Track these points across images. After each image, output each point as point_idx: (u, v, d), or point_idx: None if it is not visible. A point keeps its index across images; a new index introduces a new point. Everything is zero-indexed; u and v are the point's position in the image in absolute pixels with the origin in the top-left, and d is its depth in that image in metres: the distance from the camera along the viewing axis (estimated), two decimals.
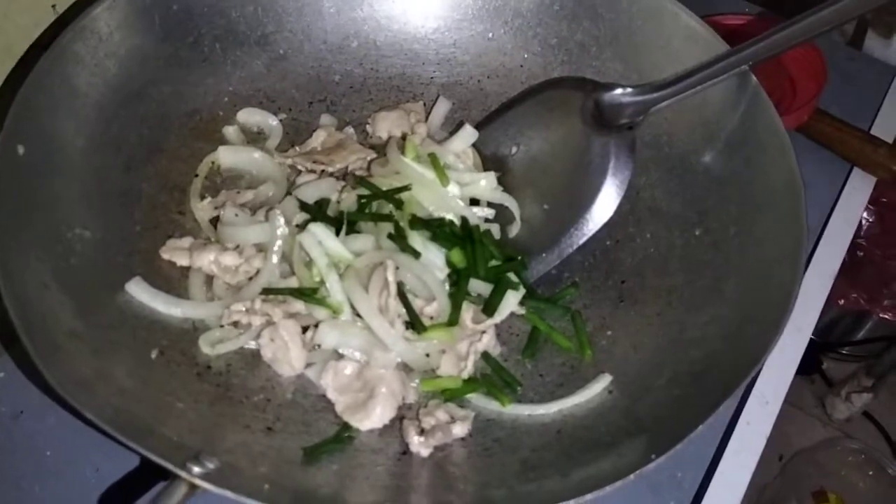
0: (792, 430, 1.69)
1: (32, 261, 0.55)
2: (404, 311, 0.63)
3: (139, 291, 0.62)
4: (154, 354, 0.59)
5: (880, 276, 1.37)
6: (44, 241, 0.57)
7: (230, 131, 0.75)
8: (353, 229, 0.67)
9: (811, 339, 1.71)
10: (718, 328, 0.60)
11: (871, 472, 1.48)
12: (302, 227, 0.66)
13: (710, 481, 0.69)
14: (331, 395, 0.61)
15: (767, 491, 1.53)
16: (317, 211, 0.68)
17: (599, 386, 0.62)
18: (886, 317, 1.39)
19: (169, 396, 0.56)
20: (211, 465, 0.46)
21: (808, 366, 1.77)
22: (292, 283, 0.65)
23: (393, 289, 0.61)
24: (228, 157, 0.73)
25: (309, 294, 0.63)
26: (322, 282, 0.63)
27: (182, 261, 0.66)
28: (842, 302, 1.40)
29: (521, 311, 0.67)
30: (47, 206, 0.59)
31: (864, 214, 1.37)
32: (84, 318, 0.56)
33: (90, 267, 0.60)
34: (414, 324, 0.62)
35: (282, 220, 0.65)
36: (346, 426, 0.59)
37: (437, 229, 0.66)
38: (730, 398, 0.52)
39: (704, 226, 0.68)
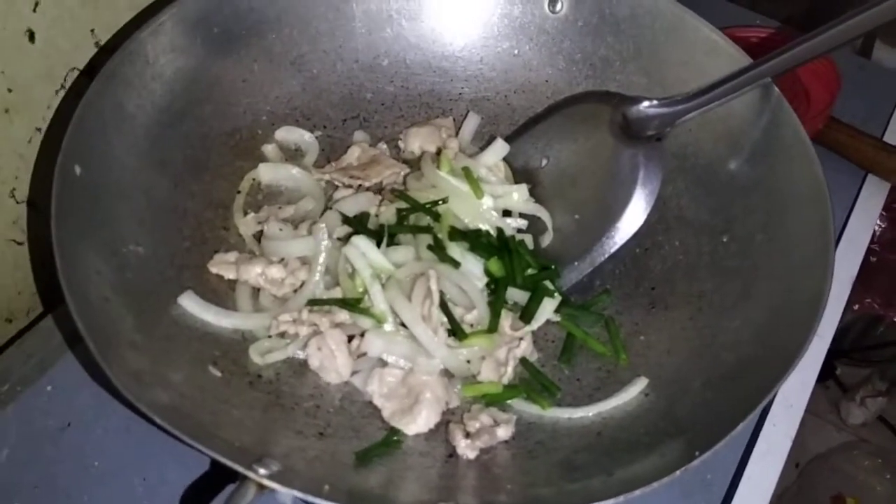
0: (808, 436, 1.70)
1: (93, 275, 0.58)
2: (446, 319, 0.65)
3: (191, 304, 0.64)
4: (211, 367, 0.61)
5: (894, 282, 1.38)
6: (102, 257, 0.60)
7: (269, 149, 0.77)
8: (392, 241, 0.69)
9: None
10: (750, 333, 0.62)
11: (888, 476, 1.49)
12: (344, 240, 0.68)
13: (738, 483, 0.70)
14: (377, 401, 0.63)
15: (785, 497, 1.54)
16: (359, 224, 0.70)
17: (636, 389, 0.64)
18: None
19: (224, 404, 0.58)
20: (275, 468, 0.48)
21: (823, 371, 1.77)
22: (336, 293, 0.67)
23: (436, 298, 0.63)
24: (268, 173, 0.76)
25: (353, 304, 0.65)
26: (366, 292, 0.65)
27: (229, 274, 0.68)
28: (856, 307, 1.42)
29: (557, 318, 0.69)
30: (103, 223, 0.62)
31: (878, 220, 1.39)
32: (142, 329, 0.59)
33: (145, 281, 0.62)
34: (455, 331, 0.64)
35: (326, 234, 0.67)
36: (393, 430, 0.61)
37: (475, 240, 0.68)
38: (765, 401, 0.53)
39: (731, 233, 0.69)
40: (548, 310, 0.67)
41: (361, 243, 0.66)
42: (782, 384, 0.54)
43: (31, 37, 0.70)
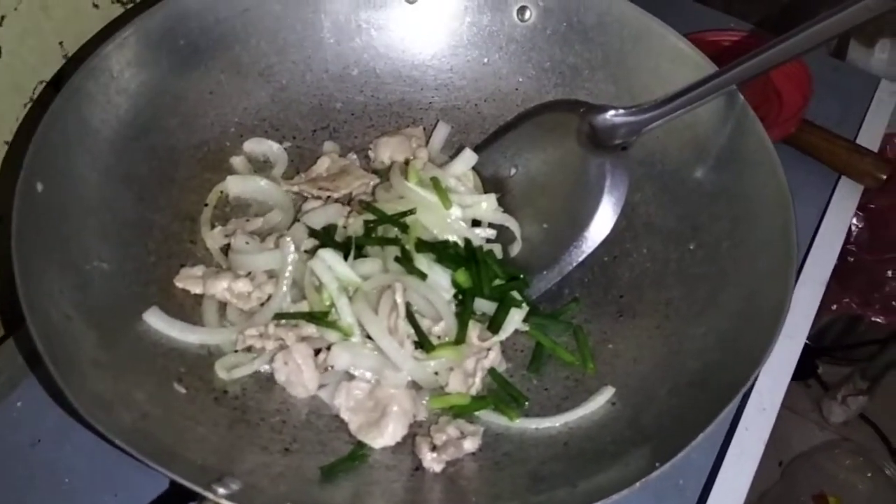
0: (790, 434, 1.71)
1: (55, 293, 0.57)
2: (413, 331, 0.65)
3: (156, 320, 0.64)
4: (175, 384, 0.60)
5: (871, 281, 1.40)
6: (65, 274, 0.59)
7: (237, 161, 0.77)
8: (360, 253, 0.69)
9: (806, 344, 1.74)
10: (715, 339, 0.63)
11: (869, 474, 1.50)
12: (311, 252, 0.68)
13: (711, 488, 0.70)
14: (344, 414, 0.62)
15: (768, 496, 1.55)
16: (325, 237, 0.70)
17: (603, 398, 0.64)
18: (878, 320, 1.42)
19: (189, 421, 0.58)
20: (235, 486, 0.48)
21: (805, 370, 1.79)
22: (303, 307, 0.67)
23: (402, 310, 0.63)
24: (236, 186, 0.75)
25: (320, 317, 0.65)
26: (332, 305, 0.65)
27: (196, 289, 0.68)
28: (834, 307, 1.43)
29: (525, 327, 0.69)
30: (66, 240, 0.61)
31: (854, 220, 1.40)
32: (106, 347, 0.58)
33: (109, 298, 0.62)
34: (422, 343, 0.65)
35: (292, 247, 0.67)
36: (360, 444, 0.61)
37: (442, 251, 0.68)
38: (728, 407, 0.54)
39: (698, 240, 0.70)
40: (515, 320, 0.67)
41: (328, 256, 0.65)
42: (745, 390, 0.54)
43: None
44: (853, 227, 1.39)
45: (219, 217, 0.75)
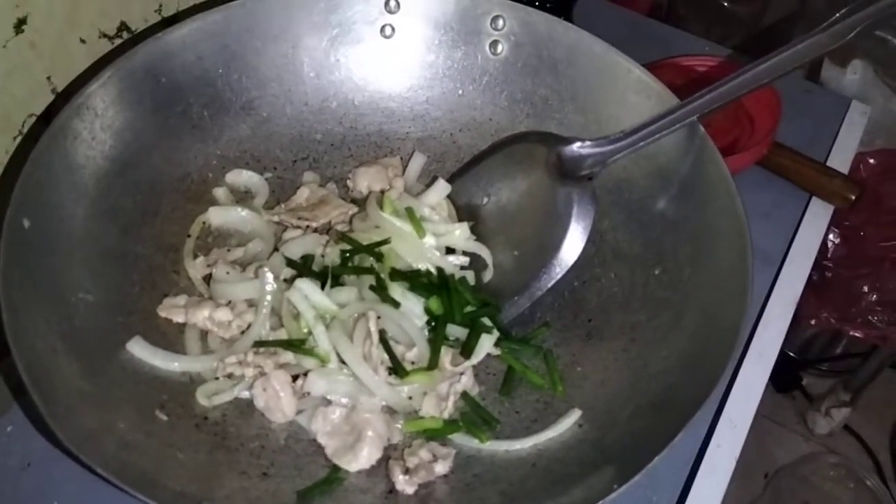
0: (775, 446, 1.73)
1: (41, 326, 0.60)
2: (387, 357, 0.67)
3: (139, 349, 0.66)
4: (157, 412, 0.63)
5: (848, 296, 1.42)
6: (50, 307, 0.62)
7: (220, 192, 0.80)
8: (337, 282, 0.71)
9: (791, 356, 1.76)
10: (676, 362, 0.65)
11: (852, 486, 1.52)
12: (290, 281, 0.70)
13: None
14: (321, 439, 0.65)
15: None
16: (302, 266, 0.72)
17: (570, 420, 0.66)
18: (856, 334, 1.44)
19: (170, 448, 0.60)
20: None
21: (789, 383, 1.81)
22: (282, 335, 0.69)
23: (375, 338, 0.66)
24: (218, 216, 0.78)
25: (298, 345, 0.67)
26: (310, 333, 0.68)
27: (178, 318, 0.70)
28: (813, 322, 1.45)
29: (497, 351, 0.72)
30: (52, 274, 0.63)
31: (831, 237, 1.43)
32: (90, 377, 0.60)
33: (94, 328, 0.64)
34: (396, 369, 0.67)
35: (270, 277, 0.69)
36: (336, 468, 0.63)
37: (415, 280, 0.71)
38: (685, 430, 0.56)
39: (662, 265, 0.72)
40: (486, 345, 0.70)
41: (304, 286, 0.68)
42: (696, 415, 0.56)
43: None
44: (830, 244, 1.42)
45: (201, 247, 0.77)
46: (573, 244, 0.71)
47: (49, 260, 0.64)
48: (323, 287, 0.69)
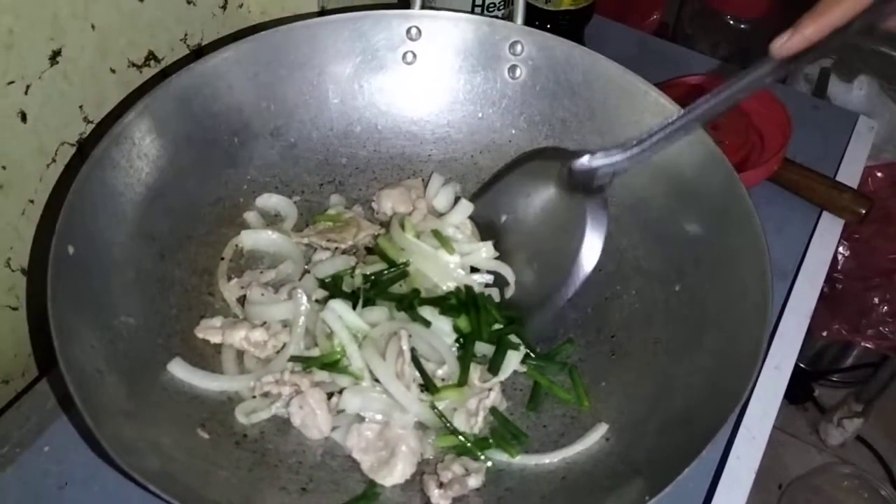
0: (789, 458, 1.74)
1: (88, 349, 0.62)
2: (418, 374, 0.69)
3: (179, 370, 0.68)
4: (199, 430, 0.65)
5: (859, 308, 1.44)
6: (96, 331, 0.64)
7: (250, 216, 0.82)
8: (368, 301, 0.73)
9: (803, 368, 1.78)
10: (700, 378, 0.67)
11: (865, 496, 1.53)
12: (322, 302, 0.72)
13: None
14: (356, 454, 0.67)
15: None
16: (334, 287, 0.75)
17: (597, 434, 0.68)
18: (868, 345, 1.46)
19: (212, 465, 0.62)
20: None
21: (802, 394, 1.82)
22: (315, 353, 0.71)
23: (407, 356, 0.68)
24: (250, 239, 0.80)
25: (332, 364, 0.69)
26: (343, 352, 0.70)
27: (215, 339, 0.72)
28: (825, 334, 1.47)
29: (523, 368, 0.74)
30: (96, 298, 0.66)
31: (841, 250, 1.44)
32: (134, 397, 0.63)
33: (136, 350, 0.66)
34: (428, 386, 0.69)
35: (304, 298, 0.71)
36: (372, 483, 0.65)
37: (443, 304, 0.73)
38: (711, 443, 0.57)
39: (683, 282, 0.74)
40: (514, 362, 0.72)
41: (337, 306, 0.70)
42: (723, 428, 0.58)
43: (24, 117, 0.74)
44: (840, 257, 1.43)
45: (234, 269, 0.79)
46: (590, 253, 0.70)
47: (92, 285, 0.66)
48: (354, 307, 0.71)
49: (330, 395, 0.69)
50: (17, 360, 0.84)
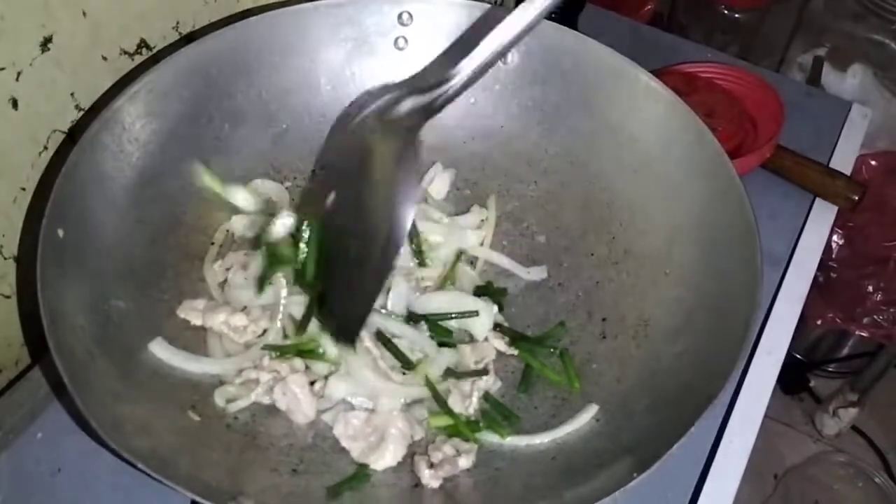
0: (784, 448, 1.75)
1: (78, 331, 0.62)
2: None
3: (161, 351, 0.68)
4: (190, 413, 0.65)
5: (854, 296, 1.44)
6: (86, 314, 0.64)
7: (242, 201, 0.81)
8: None
9: (798, 358, 1.78)
10: (689, 359, 0.67)
11: (860, 484, 1.54)
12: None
13: (697, 501, 0.74)
14: (345, 443, 0.66)
15: None
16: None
17: (587, 415, 0.68)
18: (862, 334, 1.46)
19: (203, 447, 0.63)
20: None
21: (797, 384, 1.83)
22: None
23: (376, 352, 0.69)
24: (240, 224, 0.80)
25: (308, 351, 0.70)
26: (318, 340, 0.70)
27: (196, 320, 0.72)
28: (819, 322, 1.47)
29: (515, 351, 0.74)
30: (86, 282, 0.66)
31: (835, 238, 1.45)
32: (124, 380, 0.63)
33: (126, 334, 0.66)
34: (404, 363, 0.70)
35: (284, 282, 0.71)
36: (363, 465, 0.65)
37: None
38: (697, 423, 0.57)
39: (673, 265, 0.74)
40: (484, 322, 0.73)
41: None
42: (709, 409, 0.58)
43: (15, 104, 0.74)
44: (834, 245, 1.44)
45: (224, 255, 0.79)
46: (408, 191, 0.63)
47: (82, 268, 0.66)
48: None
49: (312, 383, 0.69)
50: (10, 350, 0.84)
